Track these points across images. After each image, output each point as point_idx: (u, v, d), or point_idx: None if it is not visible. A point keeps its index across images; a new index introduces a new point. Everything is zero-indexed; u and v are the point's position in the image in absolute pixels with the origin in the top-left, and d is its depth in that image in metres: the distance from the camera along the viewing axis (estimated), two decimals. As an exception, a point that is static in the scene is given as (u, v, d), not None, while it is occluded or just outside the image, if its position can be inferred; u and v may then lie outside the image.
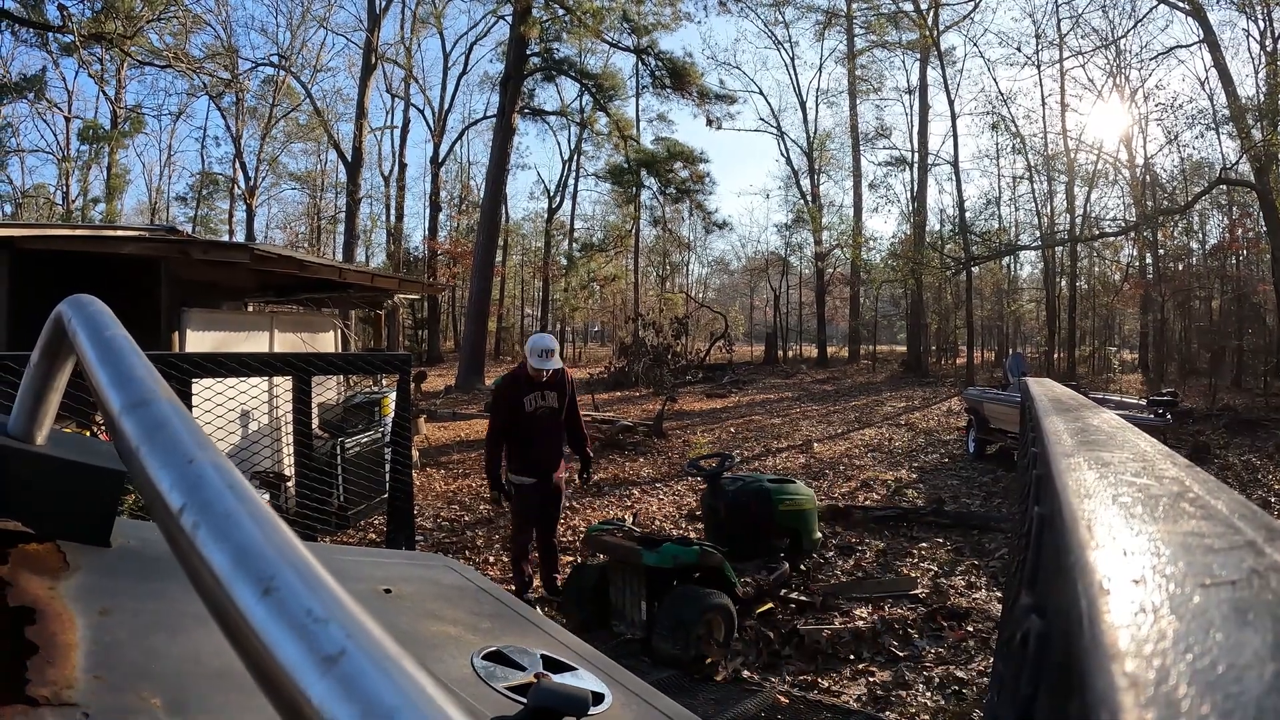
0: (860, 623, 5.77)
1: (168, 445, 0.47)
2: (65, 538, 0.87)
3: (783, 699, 4.56)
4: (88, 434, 3.68)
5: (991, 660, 4.67)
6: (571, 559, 7.10)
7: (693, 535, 6.86)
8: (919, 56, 37.28)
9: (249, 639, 0.35)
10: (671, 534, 6.45)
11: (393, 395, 6.39)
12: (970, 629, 5.70)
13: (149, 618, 0.82)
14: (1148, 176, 32.54)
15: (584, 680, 1.16)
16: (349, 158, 40.16)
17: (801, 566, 6.38)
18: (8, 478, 0.87)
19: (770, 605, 5.86)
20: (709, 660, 4.95)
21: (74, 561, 0.83)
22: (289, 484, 6.36)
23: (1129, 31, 31.48)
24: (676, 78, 33.49)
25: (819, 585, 6.47)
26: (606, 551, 5.49)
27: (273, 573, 0.36)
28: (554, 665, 1.19)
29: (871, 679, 4.95)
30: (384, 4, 39.28)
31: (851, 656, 5.27)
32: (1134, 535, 0.56)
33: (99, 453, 0.99)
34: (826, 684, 4.86)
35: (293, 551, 0.38)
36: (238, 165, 43.96)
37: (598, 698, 1.10)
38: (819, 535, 6.63)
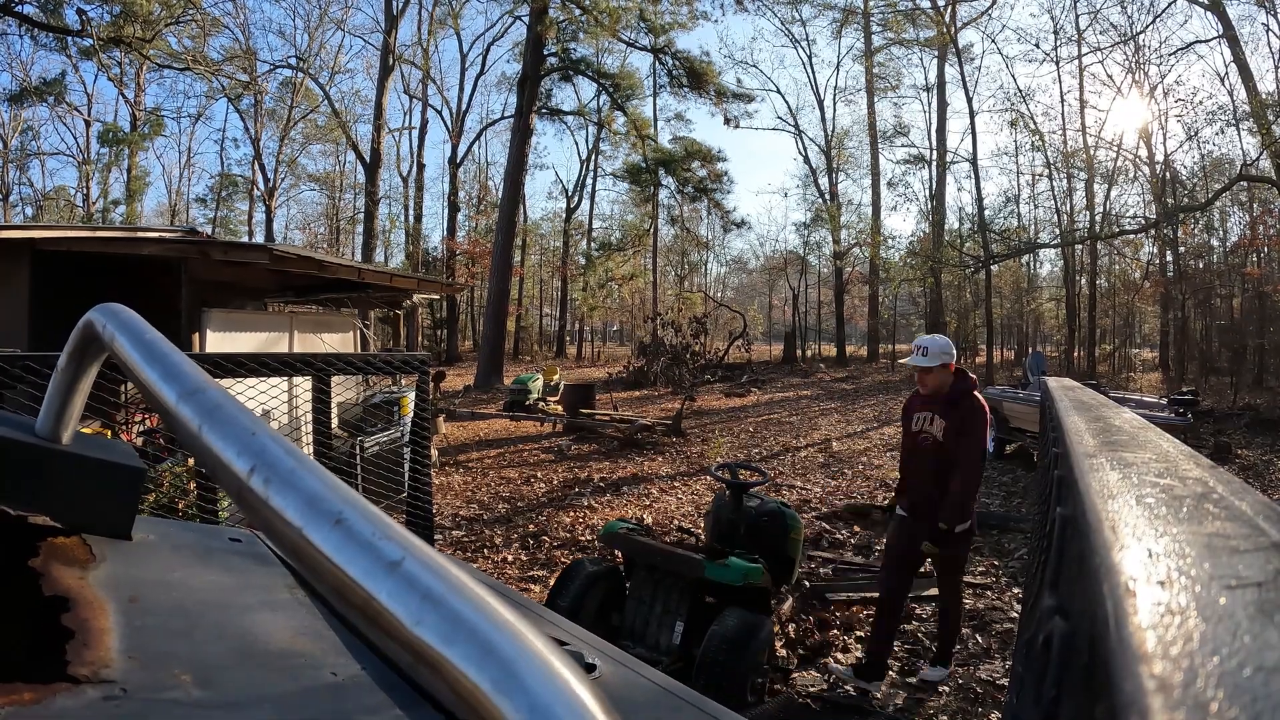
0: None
1: (228, 422, 0.56)
2: (90, 531, 0.92)
3: (801, 700, 4.54)
4: (110, 435, 3.74)
5: (1010, 661, 4.66)
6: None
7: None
8: (937, 54, 37.25)
9: (323, 562, 0.43)
10: (687, 537, 6.33)
11: (412, 395, 6.41)
12: (989, 629, 5.67)
13: (174, 604, 0.87)
14: (1167, 173, 32.31)
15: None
16: (367, 159, 40.44)
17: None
18: (37, 475, 0.92)
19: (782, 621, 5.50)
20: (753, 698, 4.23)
21: (99, 553, 0.87)
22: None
23: (1148, 27, 31.39)
24: (694, 77, 33.49)
25: (838, 582, 6.44)
26: (641, 554, 4.64)
27: (339, 509, 0.45)
28: None
29: (890, 679, 4.92)
30: (401, 6, 39.58)
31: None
32: (1158, 536, 0.56)
33: (121, 452, 1.03)
34: (846, 685, 4.83)
35: (350, 494, 0.47)
36: (256, 167, 44.38)
37: (589, 668, 1.12)
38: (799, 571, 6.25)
